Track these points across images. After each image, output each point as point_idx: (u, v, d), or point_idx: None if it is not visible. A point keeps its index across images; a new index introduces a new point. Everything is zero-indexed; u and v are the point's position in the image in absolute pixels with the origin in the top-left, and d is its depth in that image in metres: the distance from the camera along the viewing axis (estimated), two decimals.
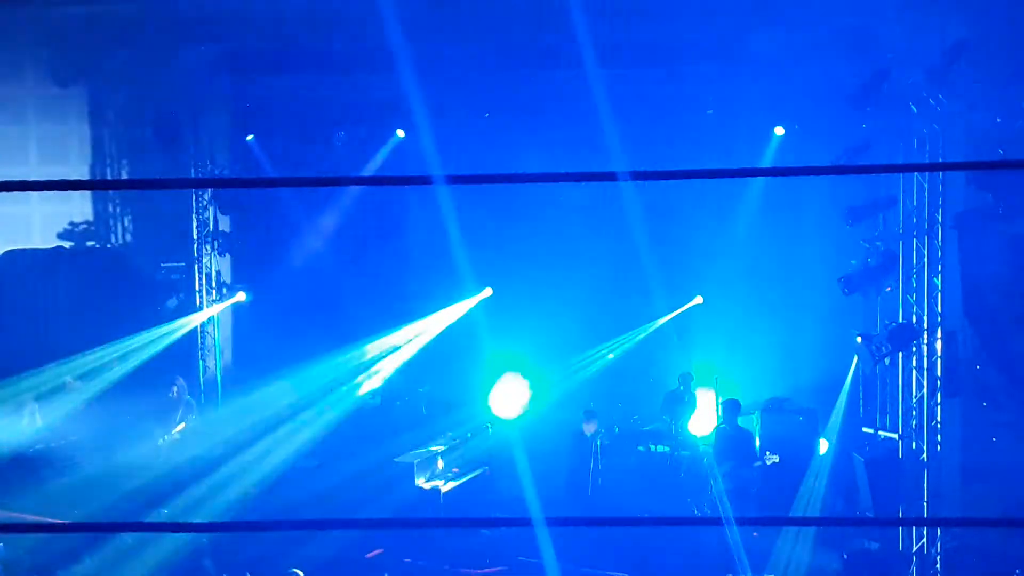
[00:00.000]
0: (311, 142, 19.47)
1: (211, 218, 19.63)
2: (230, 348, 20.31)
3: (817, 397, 17.36)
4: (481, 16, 18.14)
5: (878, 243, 15.73)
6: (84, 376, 18.28)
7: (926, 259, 14.86)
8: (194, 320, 19.31)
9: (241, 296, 19.62)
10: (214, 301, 19.70)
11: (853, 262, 16.23)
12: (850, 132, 15.52)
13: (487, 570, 14.10)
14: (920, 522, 15.21)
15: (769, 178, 18.23)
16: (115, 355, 18.47)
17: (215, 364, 19.76)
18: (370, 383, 19.24)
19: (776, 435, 16.46)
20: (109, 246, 20.72)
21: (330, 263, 19.42)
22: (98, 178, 20.41)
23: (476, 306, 20.14)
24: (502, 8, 17.98)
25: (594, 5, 16.75)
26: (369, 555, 14.45)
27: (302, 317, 19.44)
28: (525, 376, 19.16)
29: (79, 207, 20.68)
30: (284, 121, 19.52)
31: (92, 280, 19.75)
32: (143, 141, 19.42)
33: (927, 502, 14.70)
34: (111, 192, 21.02)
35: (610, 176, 7.41)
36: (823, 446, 16.65)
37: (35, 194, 20.19)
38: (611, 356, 18.82)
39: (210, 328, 19.71)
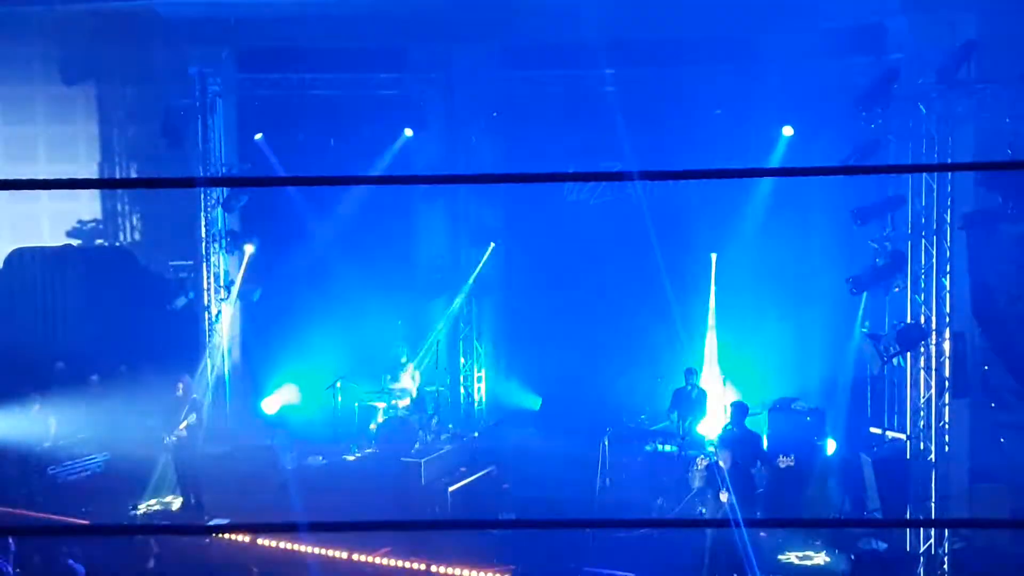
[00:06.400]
0: (319, 140, 19.50)
1: (219, 217, 19.66)
2: (238, 346, 20.33)
3: (825, 397, 17.35)
4: (491, 16, 18.16)
5: (886, 243, 15.69)
6: None
7: (934, 259, 14.82)
8: None
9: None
10: (222, 300, 19.73)
11: (862, 263, 16.20)
12: (859, 132, 15.50)
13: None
14: (928, 523, 15.16)
15: (778, 178, 18.21)
16: None
17: (223, 362, 19.79)
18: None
19: (784, 435, 16.44)
20: (118, 244, 20.77)
21: (338, 262, 19.44)
22: (107, 177, 20.46)
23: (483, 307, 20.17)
24: (512, 8, 17.99)
25: (603, 5, 16.76)
26: (377, 553, 14.45)
27: (310, 316, 19.47)
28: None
29: (88, 205, 20.74)
30: (292, 120, 19.55)
31: (101, 278, 19.79)
32: (151, 140, 19.46)
33: (935, 503, 14.67)
34: (119, 191, 21.07)
35: (619, 176, 7.42)
36: (831, 446, 16.63)
37: (44, 192, 20.23)
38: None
39: (218, 326, 19.74)
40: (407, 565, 14.24)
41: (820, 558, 14.65)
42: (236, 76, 19.69)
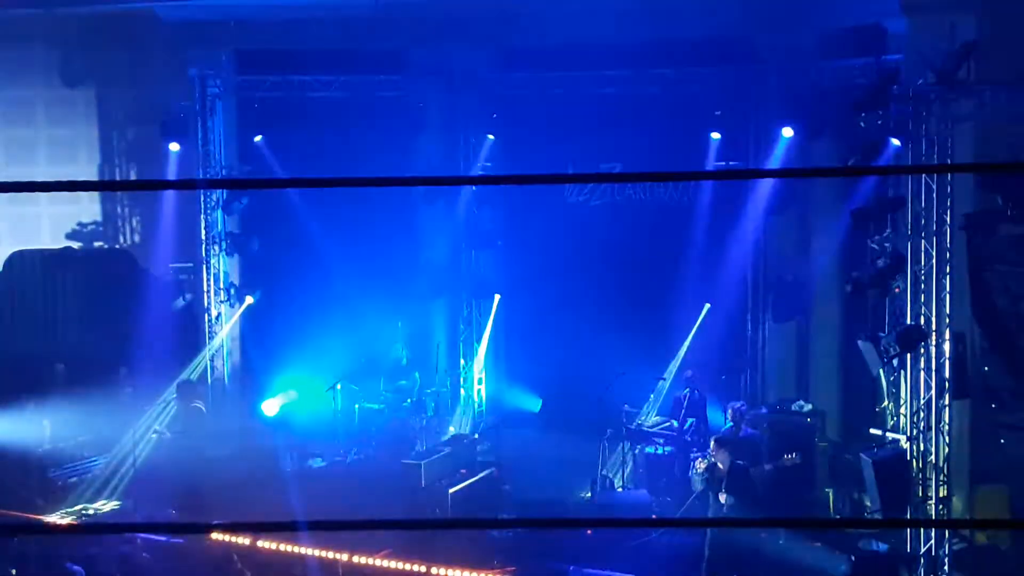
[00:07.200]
0: (319, 142, 19.50)
1: (219, 219, 19.66)
2: (238, 349, 20.33)
3: (825, 398, 17.35)
4: (491, 17, 18.17)
5: (886, 244, 15.70)
6: None
7: (934, 260, 14.82)
8: None
9: (249, 300, 19.60)
10: (222, 302, 19.71)
11: (862, 264, 16.19)
12: (859, 133, 15.50)
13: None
14: (928, 524, 15.15)
15: (778, 179, 18.21)
16: None
17: (223, 364, 19.79)
18: None
19: (784, 436, 16.43)
20: (117, 246, 20.77)
21: (338, 264, 19.43)
22: (106, 179, 20.46)
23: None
24: (510, 10, 18.00)
25: (603, 7, 16.77)
26: (378, 555, 14.45)
27: (310, 318, 19.46)
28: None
29: (88, 207, 20.73)
30: (292, 122, 19.55)
31: (100, 280, 19.79)
32: (151, 142, 19.46)
33: (935, 504, 14.67)
34: (119, 193, 21.07)
35: (618, 177, 7.43)
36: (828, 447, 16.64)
37: (44, 195, 20.24)
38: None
39: (218, 328, 19.74)
40: (407, 566, 14.25)
41: None
42: (236, 78, 19.69)
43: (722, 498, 13.53)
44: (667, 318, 18.40)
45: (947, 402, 14.82)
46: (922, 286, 15.04)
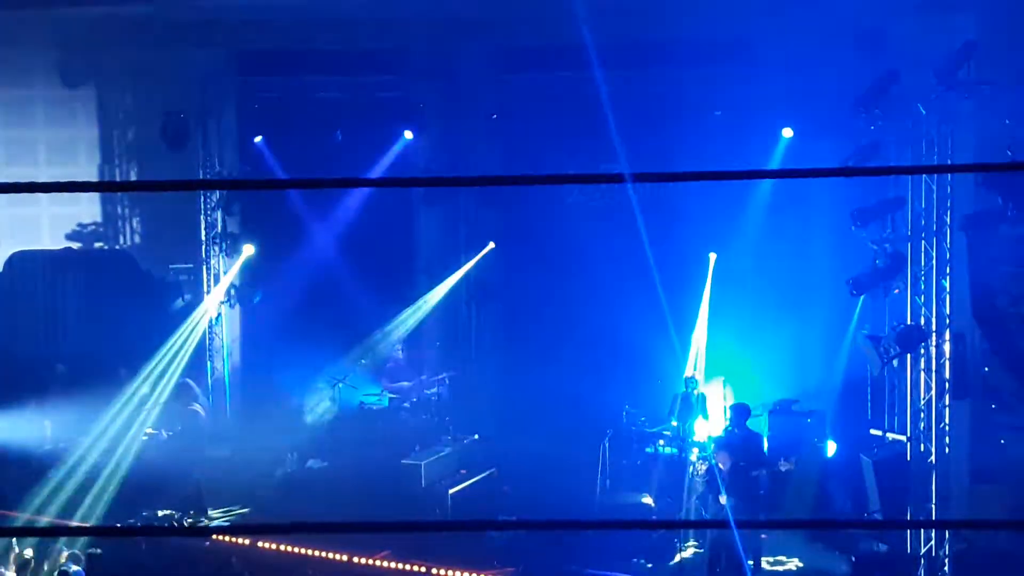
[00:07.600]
0: (319, 143, 19.50)
1: (219, 220, 19.66)
2: (238, 349, 20.33)
3: (825, 399, 17.34)
4: (491, 18, 18.17)
5: (886, 245, 15.70)
6: None
7: (934, 261, 14.83)
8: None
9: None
10: (222, 303, 19.70)
11: (862, 264, 16.19)
12: (859, 134, 15.50)
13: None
14: (928, 524, 15.15)
15: (777, 180, 18.20)
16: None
17: (223, 365, 19.79)
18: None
19: (784, 437, 16.43)
20: (118, 247, 20.76)
21: (338, 264, 19.44)
22: (106, 179, 20.46)
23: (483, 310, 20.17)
24: (510, 10, 18.00)
25: (602, 6, 16.74)
26: (377, 556, 14.45)
27: (310, 318, 19.46)
28: None
29: (88, 208, 20.73)
30: (292, 122, 19.55)
31: (100, 280, 19.79)
32: (152, 143, 19.46)
33: (935, 504, 14.67)
34: (119, 193, 21.07)
35: (618, 178, 7.42)
36: (831, 448, 16.63)
37: (44, 195, 20.24)
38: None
39: (218, 329, 19.75)
40: (407, 568, 14.25)
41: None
42: (236, 79, 19.69)
43: (722, 499, 13.53)
44: (667, 318, 18.37)
45: (947, 402, 14.82)
46: (922, 286, 15.04)
